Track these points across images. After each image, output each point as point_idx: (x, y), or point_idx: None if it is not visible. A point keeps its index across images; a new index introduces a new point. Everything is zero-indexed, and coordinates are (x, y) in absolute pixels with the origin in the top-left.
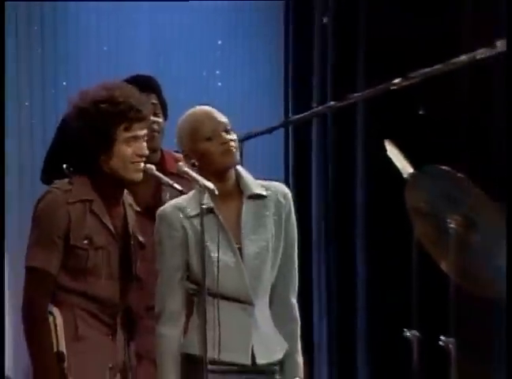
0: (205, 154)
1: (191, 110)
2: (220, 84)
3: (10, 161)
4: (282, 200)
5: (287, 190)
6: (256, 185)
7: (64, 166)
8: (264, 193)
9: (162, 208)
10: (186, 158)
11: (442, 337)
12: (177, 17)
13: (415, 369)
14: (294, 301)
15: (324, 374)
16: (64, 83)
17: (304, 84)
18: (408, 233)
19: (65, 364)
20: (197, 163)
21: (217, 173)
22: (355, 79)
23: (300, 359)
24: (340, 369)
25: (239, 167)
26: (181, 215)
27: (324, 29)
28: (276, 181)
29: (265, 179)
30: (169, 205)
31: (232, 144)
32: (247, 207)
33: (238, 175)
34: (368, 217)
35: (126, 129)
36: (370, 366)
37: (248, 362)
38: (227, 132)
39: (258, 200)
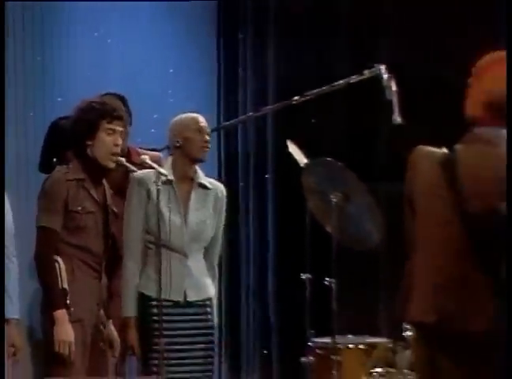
0: (189, 140)
1: (186, 113)
2: (171, 100)
3: (18, 158)
4: (220, 195)
5: (224, 189)
6: (205, 179)
7: (54, 159)
8: (208, 185)
9: (134, 174)
10: (172, 141)
11: (326, 278)
12: (142, 51)
13: (308, 302)
14: (216, 264)
15: (249, 308)
16: (59, 99)
17: (231, 100)
18: (304, 206)
19: (68, 297)
20: (179, 144)
21: (189, 159)
22: (266, 96)
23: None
24: (259, 304)
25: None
26: (149, 180)
27: (245, 62)
28: (211, 176)
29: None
30: (140, 173)
31: (208, 145)
32: (196, 191)
33: (195, 168)
34: (277, 197)
35: (108, 123)
36: (279, 303)
37: (181, 299)
38: (208, 134)
39: (204, 189)
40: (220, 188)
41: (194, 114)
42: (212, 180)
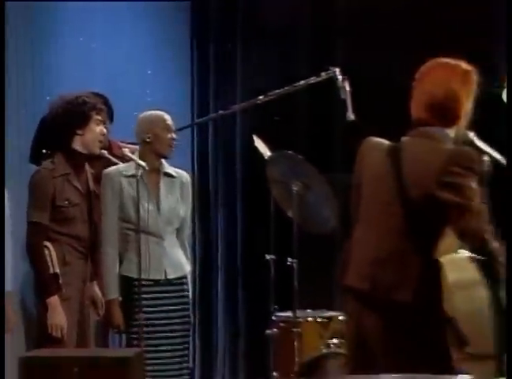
0: (158, 137)
1: (152, 111)
2: (149, 99)
3: (12, 152)
4: (185, 181)
5: (188, 176)
6: (169, 169)
7: (43, 151)
8: (174, 174)
9: (106, 170)
10: (141, 136)
11: (288, 259)
12: (123, 54)
13: (272, 280)
14: (186, 242)
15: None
16: (48, 98)
17: (204, 98)
18: (268, 194)
19: (60, 280)
20: (149, 140)
21: (156, 154)
22: (234, 96)
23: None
24: (228, 282)
25: None
26: (120, 174)
27: (216, 63)
28: (185, 168)
29: (176, 166)
30: (112, 168)
31: (174, 142)
32: (163, 180)
33: (161, 160)
34: (244, 187)
35: (97, 114)
36: (246, 282)
37: (162, 277)
38: (174, 133)
39: (170, 178)
40: (184, 175)
41: (161, 112)
42: (176, 169)
